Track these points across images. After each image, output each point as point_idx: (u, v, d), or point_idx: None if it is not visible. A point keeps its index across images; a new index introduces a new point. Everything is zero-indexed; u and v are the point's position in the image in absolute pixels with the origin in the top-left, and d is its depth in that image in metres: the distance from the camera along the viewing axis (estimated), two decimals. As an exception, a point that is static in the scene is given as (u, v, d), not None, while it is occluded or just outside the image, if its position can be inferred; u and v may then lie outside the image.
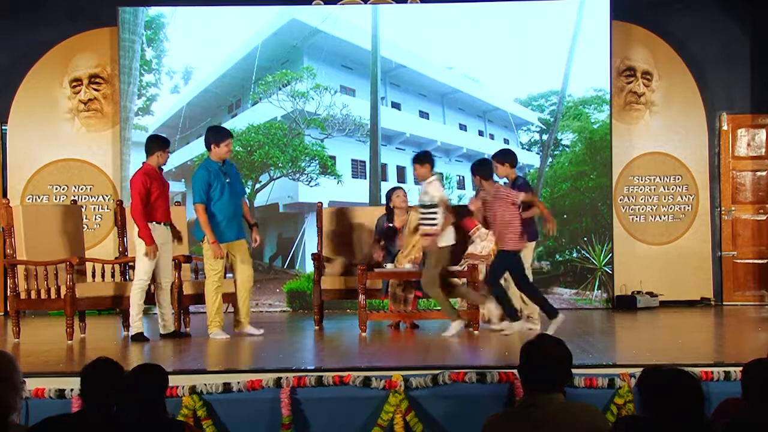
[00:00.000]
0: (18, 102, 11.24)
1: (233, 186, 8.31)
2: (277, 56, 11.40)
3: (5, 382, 3.94)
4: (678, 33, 11.28)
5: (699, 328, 9.57)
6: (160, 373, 4.48)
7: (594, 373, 6.06)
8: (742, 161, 11.37)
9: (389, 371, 6.11)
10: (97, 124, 11.39)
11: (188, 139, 11.27)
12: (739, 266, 11.30)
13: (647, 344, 8.34)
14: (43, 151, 11.23)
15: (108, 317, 9.91)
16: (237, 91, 11.48)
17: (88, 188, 11.30)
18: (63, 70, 11.33)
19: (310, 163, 11.31)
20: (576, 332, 8.40)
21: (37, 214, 9.01)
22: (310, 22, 11.38)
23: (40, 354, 7.59)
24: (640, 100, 11.37)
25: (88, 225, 11.00)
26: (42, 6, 11.22)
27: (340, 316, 10.08)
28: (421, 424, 5.91)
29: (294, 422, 5.93)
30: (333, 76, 11.37)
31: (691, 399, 3.51)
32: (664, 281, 11.03)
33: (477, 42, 11.25)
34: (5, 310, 9.01)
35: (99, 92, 11.39)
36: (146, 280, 8.21)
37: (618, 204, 11.28)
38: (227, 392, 5.99)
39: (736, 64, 11.26)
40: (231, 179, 8.30)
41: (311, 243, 10.77)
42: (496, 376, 6.01)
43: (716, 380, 5.98)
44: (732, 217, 11.33)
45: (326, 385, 6.02)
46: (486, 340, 8.06)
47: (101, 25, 11.25)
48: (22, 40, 11.21)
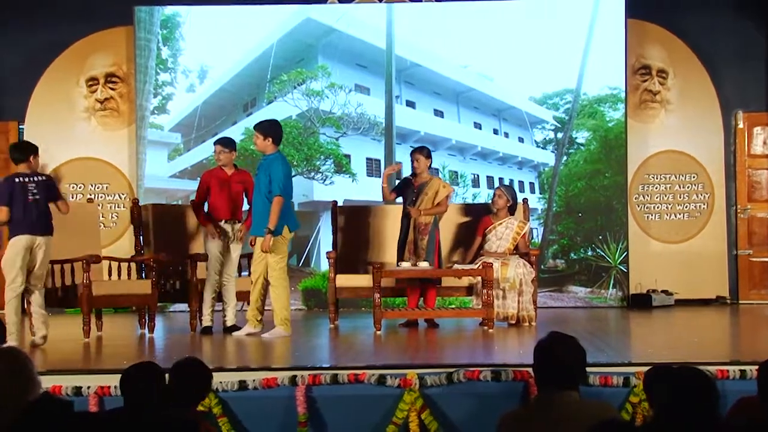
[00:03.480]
0: (35, 101, 11.30)
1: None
2: (292, 55, 11.42)
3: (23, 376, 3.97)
4: (693, 31, 11.25)
5: (715, 326, 9.55)
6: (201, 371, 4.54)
7: (609, 372, 6.04)
8: (758, 159, 11.33)
9: (404, 369, 6.10)
10: (113, 122, 11.44)
11: (204, 138, 11.29)
12: (755, 264, 11.26)
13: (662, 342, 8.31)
14: (59, 150, 11.27)
15: (124, 315, 9.95)
16: (252, 89, 11.51)
17: (104, 186, 11.35)
18: (79, 69, 11.38)
19: (325, 161, 11.33)
20: (591, 330, 8.40)
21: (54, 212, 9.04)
22: (325, 20, 11.40)
23: (57, 352, 7.63)
24: (656, 98, 11.34)
25: (105, 223, 11.05)
26: (58, 5, 11.26)
27: (356, 314, 10.09)
28: (436, 422, 5.91)
29: (310, 420, 5.94)
30: (348, 75, 11.38)
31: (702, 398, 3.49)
32: (680, 280, 11.00)
33: (491, 40, 11.24)
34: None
35: (115, 91, 11.43)
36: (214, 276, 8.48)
37: (633, 202, 11.25)
38: (243, 390, 6.00)
39: (752, 62, 11.23)
40: None
41: (326, 241, 10.78)
42: (510, 374, 6.00)
43: (732, 378, 5.95)
44: (748, 215, 11.29)
45: (341, 383, 6.01)
46: (501, 339, 8.06)
47: (117, 24, 11.29)
48: (38, 40, 11.25)
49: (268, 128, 8.17)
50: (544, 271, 10.94)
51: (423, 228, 8.86)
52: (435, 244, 8.89)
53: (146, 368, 4.24)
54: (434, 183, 8.94)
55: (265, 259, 8.06)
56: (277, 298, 8.09)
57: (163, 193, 11.28)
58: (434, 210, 8.86)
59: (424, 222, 8.86)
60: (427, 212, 8.84)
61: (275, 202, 7.91)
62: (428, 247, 8.84)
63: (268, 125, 8.22)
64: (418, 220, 8.87)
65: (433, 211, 8.86)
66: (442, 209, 8.93)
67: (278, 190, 7.94)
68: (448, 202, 9.07)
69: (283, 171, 8.01)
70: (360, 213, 9.94)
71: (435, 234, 8.90)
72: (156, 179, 11.29)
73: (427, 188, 8.89)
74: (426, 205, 8.86)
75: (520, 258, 8.99)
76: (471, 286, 8.95)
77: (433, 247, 8.86)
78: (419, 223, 8.87)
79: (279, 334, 8.08)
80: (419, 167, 8.96)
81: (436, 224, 8.93)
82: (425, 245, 8.84)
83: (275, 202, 7.91)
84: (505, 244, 9.10)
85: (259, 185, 8.09)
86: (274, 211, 7.91)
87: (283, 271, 8.12)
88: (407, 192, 8.99)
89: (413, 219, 8.88)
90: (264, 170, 8.07)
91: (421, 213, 8.83)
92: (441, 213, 8.98)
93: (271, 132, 8.14)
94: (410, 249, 8.88)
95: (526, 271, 8.85)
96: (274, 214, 7.91)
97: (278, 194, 7.93)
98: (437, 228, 8.95)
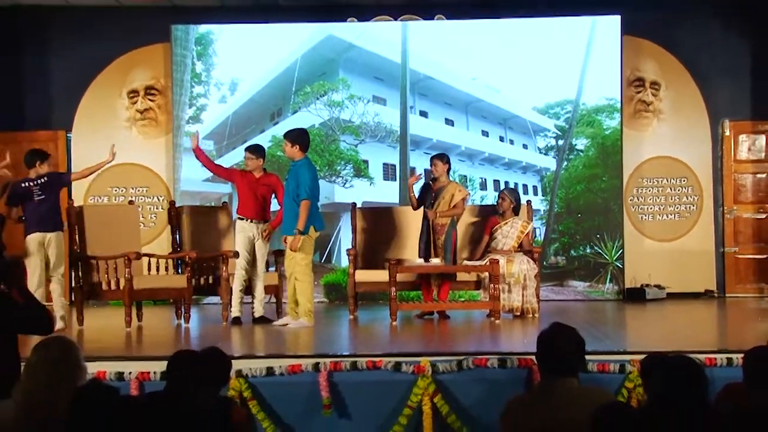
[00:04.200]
0: (81, 112, 11.34)
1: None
2: (315, 69, 11.43)
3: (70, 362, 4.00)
4: (684, 46, 11.21)
5: (703, 318, 9.52)
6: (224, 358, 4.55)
7: (606, 359, 6.03)
8: (743, 164, 11.28)
9: (418, 357, 6.11)
10: (152, 131, 11.47)
11: (234, 145, 11.31)
12: (741, 261, 11.21)
13: (655, 333, 8.30)
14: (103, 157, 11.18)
15: (163, 307, 9.98)
16: (278, 100, 11.51)
17: (144, 190, 11.38)
18: (121, 82, 11.42)
19: (345, 166, 11.34)
20: (589, 322, 8.38)
21: (99, 213, 9.11)
22: (346, 37, 11.41)
23: (102, 340, 7.66)
24: (649, 108, 11.30)
25: (144, 223, 11.08)
26: (103, 25, 11.29)
27: (373, 306, 10.09)
28: (447, 406, 5.91)
29: (332, 403, 5.95)
30: (366, 87, 11.38)
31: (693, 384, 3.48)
32: (671, 275, 10.95)
33: (498, 55, 11.22)
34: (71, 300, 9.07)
35: (154, 102, 11.47)
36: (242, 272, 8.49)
37: (628, 204, 11.22)
38: (270, 375, 6.02)
39: (738, 74, 11.17)
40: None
41: (346, 239, 10.78)
42: (515, 361, 6.00)
43: (720, 366, 5.94)
44: (734, 216, 11.24)
45: (360, 369, 6.02)
46: (506, 329, 8.05)
47: (156, 41, 11.33)
48: (85, 56, 11.29)
49: (296, 137, 8.19)
50: (546, 267, 10.91)
51: (440, 229, 8.87)
52: (452, 244, 8.88)
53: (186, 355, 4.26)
54: (450, 187, 8.94)
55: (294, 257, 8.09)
56: (301, 291, 8.10)
57: (197, 196, 11.30)
58: (450, 212, 8.86)
59: (440, 223, 8.86)
60: (443, 214, 8.84)
61: (303, 205, 7.92)
62: (445, 246, 8.83)
63: (296, 134, 8.24)
64: (435, 222, 8.88)
65: (448, 213, 8.85)
66: (457, 211, 8.92)
67: (305, 194, 7.95)
68: (465, 204, 9.06)
69: (309, 176, 8.02)
70: (377, 214, 9.95)
71: (452, 234, 8.89)
72: (191, 183, 11.31)
73: (444, 192, 8.89)
74: (442, 208, 8.86)
75: (524, 255, 8.97)
76: (479, 281, 8.94)
77: (450, 246, 8.86)
78: (436, 224, 8.88)
79: (302, 324, 8.09)
80: (437, 172, 8.96)
81: (453, 225, 8.93)
82: (442, 244, 8.84)
83: (303, 205, 7.92)
84: (510, 242, 9.09)
85: (288, 189, 8.12)
86: (302, 213, 7.92)
87: (308, 267, 8.13)
88: (427, 196, 9.00)
89: (431, 220, 8.89)
90: (293, 175, 8.09)
91: (438, 215, 8.83)
92: (457, 215, 8.96)
93: (298, 140, 8.15)
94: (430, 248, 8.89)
95: (529, 267, 8.83)
96: (303, 216, 7.93)
97: (305, 198, 7.94)
98: (454, 229, 8.94)
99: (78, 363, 4.03)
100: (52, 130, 11.39)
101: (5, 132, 11.23)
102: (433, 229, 8.90)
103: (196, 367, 4.15)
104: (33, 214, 8.35)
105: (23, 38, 11.38)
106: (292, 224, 8.00)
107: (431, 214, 8.85)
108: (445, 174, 9.00)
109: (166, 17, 11.19)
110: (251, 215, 8.57)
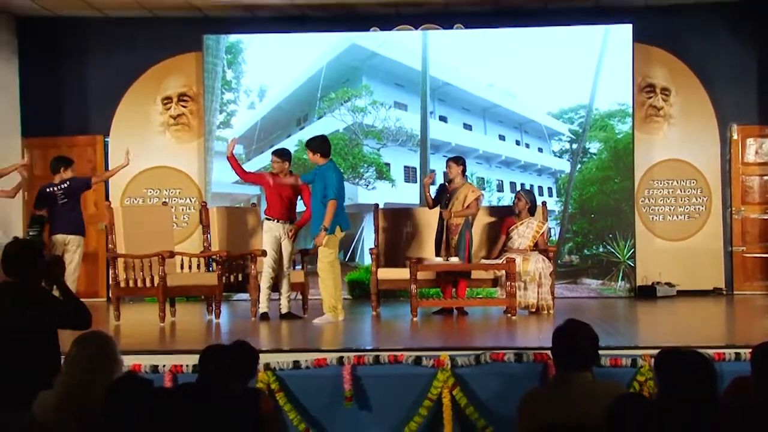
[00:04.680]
0: (118, 117, 11.41)
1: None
2: (339, 76, 11.43)
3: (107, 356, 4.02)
4: (693, 53, 11.13)
5: (712, 314, 9.45)
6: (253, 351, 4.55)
7: (618, 354, 6.01)
8: (751, 167, 11.19)
9: (438, 351, 6.11)
10: (185, 136, 11.52)
11: (262, 149, 11.33)
12: (748, 260, 11.12)
13: (666, 328, 8.26)
14: (139, 160, 11.30)
15: (194, 303, 10.02)
16: (304, 106, 11.52)
17: (177, 191, 11.43)
18: (156, 89, 11.46)
19: (367, 169, 11.33)
20: (602, 318, 8.34)
21: (134, 214, 9.16)
22: (369, 46, 11.40)
23: (137, 335, 7.70)
24: (659, 113, 11.23)
25: (177, 223, 11.13)
26: (138, 35, 11.36)
27: (395, 303, 10.09)
28: (466, 398, 5.91)
29: (355, 395, 5.95)
30: (388, 93, 11.36)
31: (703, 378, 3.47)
32: (681, 273, 10.87)
33: (514, 62, 11.17)
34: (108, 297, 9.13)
35: (186, 108, 11.51)
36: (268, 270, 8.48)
37: (640, 205, 11.15)
38: (296, 369, 6.03)
39: (745, 80, 11.08)
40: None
41: (369, 239, 10.77)
42: (531, 356, 5.98)
43: (728, 360, 5.90)
44: (741, 216, 11.15)
45: (382, 363, 6.03)
46: (522, 325, 8.02)
47: (188, 50, 11.36)
48: (121, 65, 11.35)
49: (316, 146, 8.23)
50: (560, 265, 10.85)
51: (454, 228, 8.84)
52: (465, 243, 8.85)
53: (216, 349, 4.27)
54: (464, 188, 8.91)
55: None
56: (323, 288, 8.12)
57: (227, 197, 11.33)
58: (464, 212, 8.83)
59: (455, 223, 8.84)
60: (457, 214, 8.82)
61: (330, 205, 7.97)
62: (459, 245, 8.81)
63: (316, 143, 8.26)
64: (449, 221, 8.85)
65: (462, 213, 8.83)
66: (471, 211, 8.89)
67: (332, 195, 8.00)
68: (479, 204, 9.03)
69: (335, 178, 8.07)
70: (398, 214, 9.95)
71: (466, 234, 8.87)
72: (221, 185, 11.34)
73: (458, 193, 8.87)
74: (456, 208, 8.83)
75: (539, 254, 8.94)
76: (496, 279, 8.92)
77: (464, 245, 8.83)
78: (451, 224, 8.85)
79: (326, 320, 8.11)
80: (451, 173, 8.95)
81: (468, 225, 8.90)
82: (456, 243, 8.82)
83: (330, 205, 7.97)
84: (525, 241, 9.06)
85: (316, 191, 8.15)
86: (329, 212, 7.97)
87: (330, 264, 8.13)
88: (443, 197, 8.99)
89: (446, 220, 8.87)
90: (319, 178, 8.12)
91: (452, 215, 8.81)
92: (471, 215, 8.93)
93: (318, 149, 8.20)
94: (443, 247, 8.88)
95: (544, 265, 8.80)
96: (329, 214, 7.97)
97: (332, 198, 7.99)
98: (468, 229, 8.91)
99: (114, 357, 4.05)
100: (90, 134, 11.46)
101: (47, 137, 11.34)
102: (447, 228, 8.88)
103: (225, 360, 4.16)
104: (57, 216, 8.78)
105: (64, 48, 11.46)
106: (319, 223, 8.03)
107: (446, 213, 8.83)
108: (460, 176, 8.96)
109: (198, 27, 11.22)
110: (277, 216, 8.60)
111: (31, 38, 11.36)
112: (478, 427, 5.90)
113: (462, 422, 5.92)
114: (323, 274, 8.10)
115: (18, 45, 11.35)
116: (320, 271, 8.10)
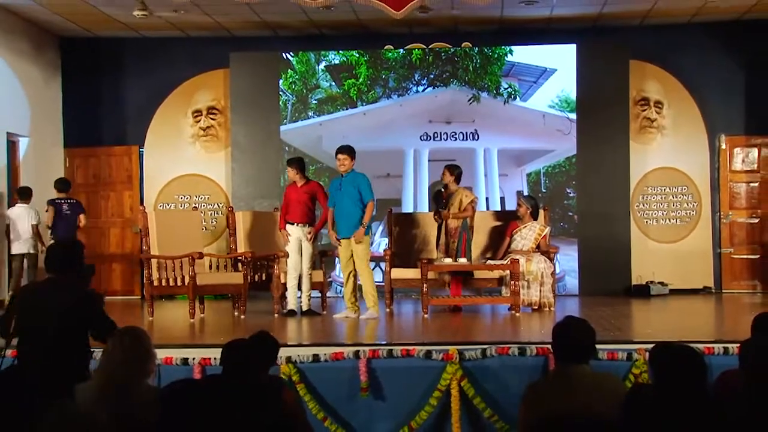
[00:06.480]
0: (152, 129, 11.45)
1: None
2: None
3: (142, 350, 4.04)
4: (685, 69, 11.09)
5: (702, 311, 9.42)
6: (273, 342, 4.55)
7: (615, 348, 5.99)
8: (738, 174, 11.14)
9: (447, 346, 6.10)
10: (213, 146, 11.54)
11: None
12: (735, 261, 11.07)
13: (659, 324, 8.23)
14: (171, 168, 11.41)
15: (222, 301, 10.04)
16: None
17: (206, 197, 11.45)
18: (187, 103, 11.50)
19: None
20: (600, 314, 8.30)
21: (167, 218, 9.20)
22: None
23: (169, 330, 7.72)
24: (653, 124, 11.19)
25: (206, 227, 11.16)
26: (171, 53, 11.41)
27: (407, 300, 10.08)
28: (473, 389, 5.90)
29: (370, 386, 5.95)
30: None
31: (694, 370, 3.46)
32: (673, 273, 10.82)
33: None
34: (142, 295, 9.16)
35: (215, 121, 11.54)
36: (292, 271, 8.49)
37: (635, 209, 11.10)
38: (316, 362, 6.03)
39: (733, 94, 11.04)
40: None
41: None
42: (534, 350, 5.97)
43: (717, 354, 5.87)
44: (729, 220, 11.10)
45: (396, 356, 6.03)
46: (525, 321, 8.00)
47: (217, 67, 11.38)
48: (155, 80, 11.40)
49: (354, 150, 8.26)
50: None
51: (453, 232, 8.80)
52: (462, 244, 8.80)
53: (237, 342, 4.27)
54: (459, 193, 8.86)
55: (352, 258, 8.12)
56: (364, 282, 8.19)
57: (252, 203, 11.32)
58: (460, 214, 8.76)
59: (453, 226, 8.79)
60: (455, 216, 8.77)
61: (370, 205, 8.09)
62: (457, 247, 8.77)
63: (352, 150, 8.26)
64: (448, 225, 8.82)
65: (459, 216, 8.76)
66: (467, 214, 8.80)
67: (372, 196, 8.12)
68: (474, 208, 8.94)
69: (368, 182, 8.19)
70: (410, 219, 9.94)
71: (463, 236, 8.80)
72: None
73: (453, 198, 8.85)
74: (452, 211, 8.81)
75: (541, 255, 8.92)
76: (501, 278, 8.89)
77: (461, 246, 8.78)
78: (449, 228, 8.82)
79: (371, 316, 8.11)
80: (445, 180, 8.91)
81: (465, 227, 8.83)
82: (455, 245, 8.78)
83: (370, 205, 8.09)
84: (528, 243, 9.04)
85: (349, 195, 8.14)
86: (368, 211, 8.08)
87: (367, 261, 8.20)
88: (439, 202, 8.98)
89: (444, 223, 8.84)
90: (350, 183, 8.16)
91: (451, 216, 8.76)
92: (467, 217, 8.82)
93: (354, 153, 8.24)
94: (443, 249, 8.86)
95: (546, 265, 8.78)
96: (369, 213, 8.08)
97: (371, 199, 8.11)
98: (466, 231, 8.83)
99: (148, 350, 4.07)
100: (126, 145, 11.51)
101: (86, 147, 11.41)
102: (447, 231, 8.85)
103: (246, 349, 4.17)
104: (60, 224, 9.75)
105: (102, 65, 11.52)
106: (351, 225, 8.09)
107: (444, 214, 8.78)
108: (454, 182, 8.91)
109: (225, 46, 11.25)
110: (296, 219, 8.59)
111: (74, 56, 11.44)
112: (485, 415, 5.89)
113: (469, 411, 5.91)
114: (362, 271, 8.15)
115: (61, 63, 11.44)
116: (358, 268, 8.13)
